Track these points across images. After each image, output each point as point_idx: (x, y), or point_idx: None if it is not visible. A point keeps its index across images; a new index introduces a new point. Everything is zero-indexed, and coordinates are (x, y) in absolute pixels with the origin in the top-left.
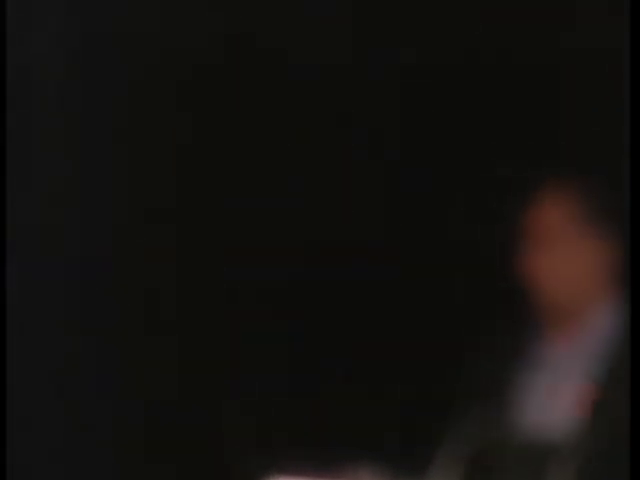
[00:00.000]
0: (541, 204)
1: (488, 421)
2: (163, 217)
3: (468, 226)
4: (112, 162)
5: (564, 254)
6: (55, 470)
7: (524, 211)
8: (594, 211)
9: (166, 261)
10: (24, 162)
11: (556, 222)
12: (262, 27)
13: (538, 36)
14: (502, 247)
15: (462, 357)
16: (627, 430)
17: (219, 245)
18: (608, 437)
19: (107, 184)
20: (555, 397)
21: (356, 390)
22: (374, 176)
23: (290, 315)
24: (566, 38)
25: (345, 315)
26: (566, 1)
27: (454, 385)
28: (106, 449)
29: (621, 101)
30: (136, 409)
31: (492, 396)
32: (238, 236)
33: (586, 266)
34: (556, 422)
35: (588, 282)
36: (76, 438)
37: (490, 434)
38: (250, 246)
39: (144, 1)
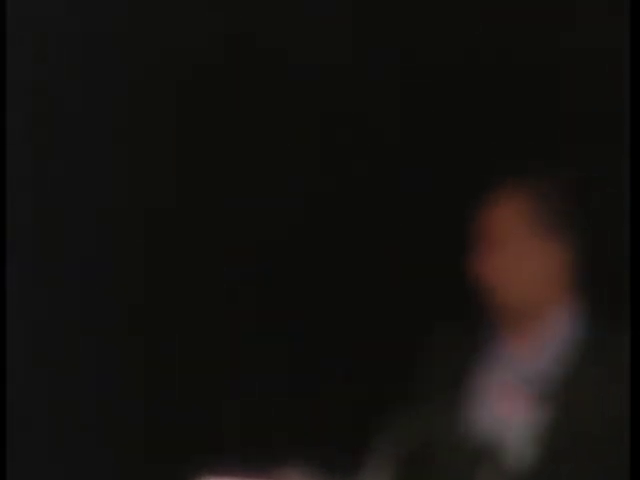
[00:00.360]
0: (496, 205)
1: (437, 420)
2: (163, 217)
3: (428, 226)
4: (112, 162)
5: (518, 255)
6: (55, 470)
7: (480, 212)
8: (548, 213)
9: (166, 261)
10: (24, 162)
11: (510, 223)
12: (262, 27)
13: (538, 36)
14: (457, 247)
15: (415, 356)
16: (619, 430)
17: (219, 244)
18: (559, 438)
19: (107, 184)
20: (507, 398)
21: (307, 390)
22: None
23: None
24: (566, 38)
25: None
26: (566, 1)
27: (408, 384)
28: (106, 449)
29: (621, 101)
30: (136, 409)
31: (443, 395)
32: (238, 236)
33: (540, 268)
34: (506, 423)
35: (542, 283)
36: (76, 438)
37: (437, 433)
38: (250, 246)
39: (144, 1)
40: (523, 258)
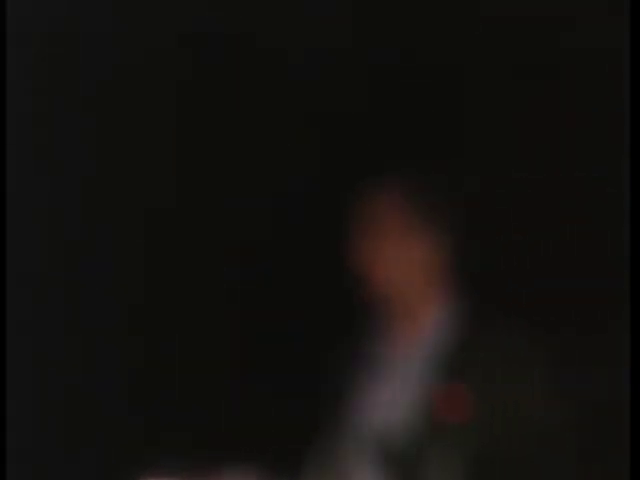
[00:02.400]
0: (374, 201)
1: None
2: (163, 217)
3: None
4: (111, 162)
5: (395, 252)
6: (55, 470)
7: (359, 208)
8: (427, 208)
9: (166, 261)
10: (24, 162)
11: (388, 219)
12: (262, 27)
13: (538, 36)
14: (338, 245)
15: (301, 358)
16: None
17: (219, 244)
18: (444, 440)
19: (107, 184)
20: (394, 398)
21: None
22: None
23: None
24: (566, 38)
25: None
26: (566, 1)
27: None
28: (105, 449)
29: (621, 101)
30: (136, 409)
31: (333, 399)
32: (238, 235)
33: (418, 264)
34: (395, 424)
35: (420, 280)
36: (75, 438)
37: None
38: (250, 246)
39: (144, 1)
40: (402, 256)
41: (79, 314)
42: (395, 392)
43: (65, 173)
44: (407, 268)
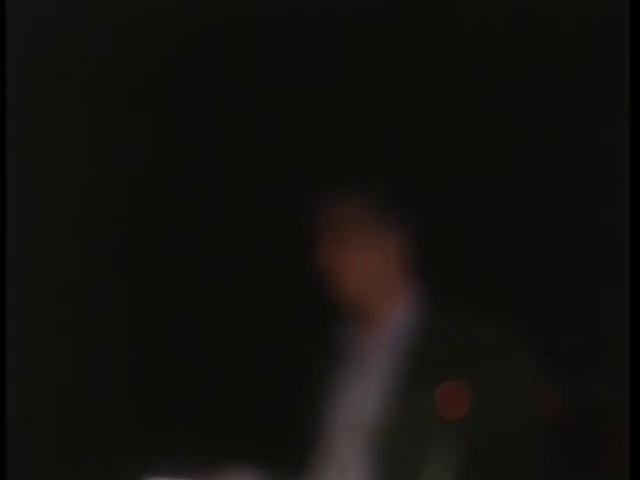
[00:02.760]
0: (335, 203)
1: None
2: (162, 216)
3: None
4: (111, 162)
5: (358, 251)
6: (55, 470)
7: (321, 209)
8: (387, 209)
9: (166, 260)
10: (24, 162)
11: (349, 220)
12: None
13: (538, 32)
14: (305, 245)
15: (271, 357)
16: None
17: (219, 244)
18: (410, 438)
19: (107, 183)
20: (361, 396)
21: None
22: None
23: None
24: (566, 37)
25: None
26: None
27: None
28: (108, 449)
29: (621, 99)
30: (135, 408)
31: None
32: (238, 235)
33: (382, 263)
34: (370, 420)
35: (383, 279)
36: (77, 439)
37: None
38: (248, 245)
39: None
40: (365, 255)
41: (78, 314)
42: (368, 388)
43: (64, 173)
44: (372, 268)
